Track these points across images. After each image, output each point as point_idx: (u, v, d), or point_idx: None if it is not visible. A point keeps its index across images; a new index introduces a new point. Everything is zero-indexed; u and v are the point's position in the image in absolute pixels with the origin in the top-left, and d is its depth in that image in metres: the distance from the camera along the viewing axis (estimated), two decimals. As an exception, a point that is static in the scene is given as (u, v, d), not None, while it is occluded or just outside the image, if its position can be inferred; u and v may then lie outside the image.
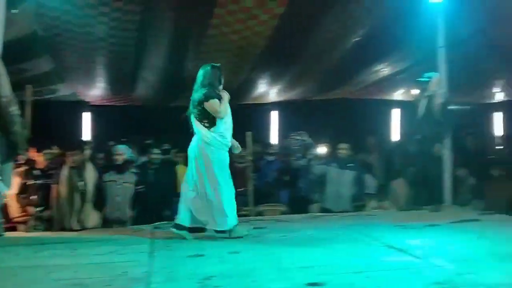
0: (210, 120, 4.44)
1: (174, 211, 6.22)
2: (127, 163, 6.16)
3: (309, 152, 7.07)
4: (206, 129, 4.45)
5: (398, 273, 3.14)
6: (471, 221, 4.93)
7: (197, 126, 4.47)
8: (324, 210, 6.39)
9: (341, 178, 6.43)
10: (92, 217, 5.77)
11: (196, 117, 4.48)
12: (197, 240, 4.48)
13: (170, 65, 7.45)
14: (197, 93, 4.49)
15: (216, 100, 4.43)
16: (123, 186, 6.00)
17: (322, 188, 6.59)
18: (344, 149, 6.54)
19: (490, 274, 3.01)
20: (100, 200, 5.87)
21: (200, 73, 4.58)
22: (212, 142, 4.43)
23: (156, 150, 6.28)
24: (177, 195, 6.36)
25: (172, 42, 6.65)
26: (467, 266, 3.20)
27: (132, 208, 6.07)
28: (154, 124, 8.78)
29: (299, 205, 7.07)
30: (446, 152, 6.09)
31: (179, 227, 4.52)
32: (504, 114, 11.12)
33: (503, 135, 8.56)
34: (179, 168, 7.00)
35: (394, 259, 3.47)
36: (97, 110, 9.72)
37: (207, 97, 4.41)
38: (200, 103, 4.43)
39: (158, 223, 5.56)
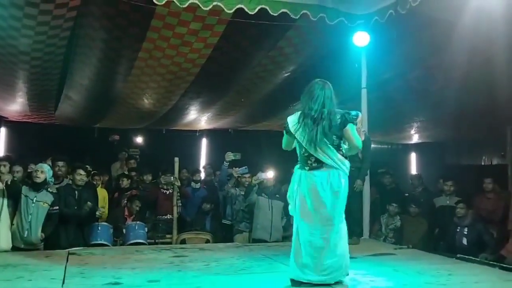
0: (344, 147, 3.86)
1: (94, 236, 5.97)
2: (45, 182, 5.81)
3: (241, 180, 7.04)
4: (343, 158, 3.81)
5: None
6: (387, 255, 5.13)
7: (329, 155, 3.72)
8: (254, 240, 6.36)
9: (271, 208, 6.45)
10: (4, 238, 5.30)
11: (332, 144, 3.75)
12: (116, 267, 4.29)
13: (97, 85, 7.24)
14: (334, 116, 3.77)
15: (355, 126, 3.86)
16: (37, 204, 5.62)
17: (251, 218, 6.56)
18: (271, 179, 6.61)
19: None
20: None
21: (328, 92, 3.86)
22: (348, 173, 3.85)
23: (81, 171, 5.98)
24: (96, 219, 6.14)
25: (101, 62, 6.49)
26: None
27: (45, 230, 5.68)
28: (75, 145, 8.44)
29: (224, 233, 7.04)
30: (366, 188, 6.35)
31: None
32: (417, 155, 11.93)
33: (417, 175, 9.12)
34: (100, 191, 6.75)
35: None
36: (14, 126, 9.20)
37: (350, 121, 3.80)
38: (342, 128, 3.77)
39: (75, 248, 5.26)
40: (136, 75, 6.88)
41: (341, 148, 3.80)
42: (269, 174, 6.58)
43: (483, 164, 10.55)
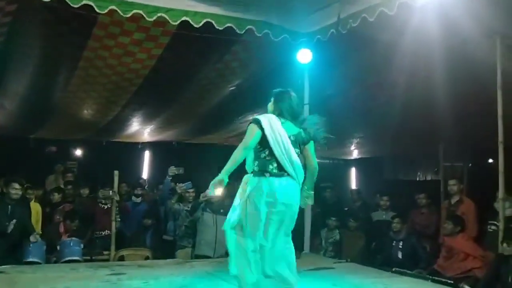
0: None
1: (25, 253, 5.63)
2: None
3: (185, 196, 6.88)
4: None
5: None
6: (327, 269, 5.21)
7: (294, 164, 3.62)
8: (197, 256, 6.22)
9: (215, 223, 6.34)
10: None
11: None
12: (49, 287, 4.06)
13: (34, 94, 6.92)
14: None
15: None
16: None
17: (194, 233, 6.40)
18: (221, 196, 6.51)
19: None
20: None
21: (298, 101, 3.88)
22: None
23: (16, 185, 5.64)
24: (28, 235, 5.80)
25: (39, 70, 6.22)
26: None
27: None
28: (8, 156, 7.99)
29: (165, 250, 6.85)
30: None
31: None
32: (357, 170, 12.29)
33: (356, 189, 9.37)
34: (33, 206, 6.42)
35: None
36: None
37: (315, 139, 3.81)
38: (306, 142, 3.77)
39: (3, 266, 4.94)
40: (76, 85, 6.65)
41: None
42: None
43: (418, 179, 11.03)
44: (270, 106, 3.83)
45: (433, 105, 6.43)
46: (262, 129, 3.55)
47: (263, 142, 3.57)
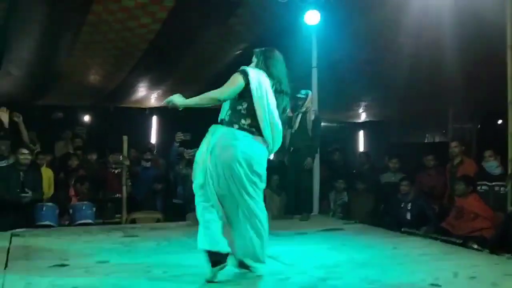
0: None
1: (38, 217, 5.74)
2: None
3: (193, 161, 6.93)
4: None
5: (267, 279, 3.26)
6: (336, 230, 5.28)
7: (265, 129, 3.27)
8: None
9: None
10: None
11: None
12: (62, 249, 4.17)
13: (40, 60, 6.90)
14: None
15: None
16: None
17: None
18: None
19: (349, 280, 3.25)
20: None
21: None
22: None
23: (24, 151, 5.68)
24: (41, 200, 5.91)
25: (44, 36, 6.17)
26: (330, 272, 3.42)
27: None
28: (16, 122, 8.00)
29: (176, 213, 6.96)
30: (315, 164, 6.47)
31: None
32: (365, 133, 12.27)
33: (364, 152, 9.38)
34: (45, 171, 6.49)
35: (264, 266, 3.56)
36: None
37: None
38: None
39: (18, 230, 5.05)
40: (81, 49, 6.61)
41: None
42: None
43: (426, 141, 11.01)
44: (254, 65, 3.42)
45: (442, 66, 6.35)
46: (247, 81, 3.21)
47: (244, 94, 3.22)
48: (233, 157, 3.13)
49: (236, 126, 3.22)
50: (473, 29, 5.25)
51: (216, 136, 3.22)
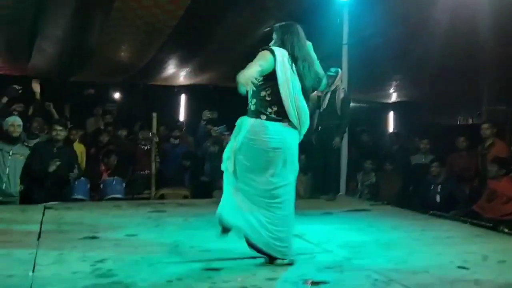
0: None
1: (71, 191, 5.90)
2: (21, 136, 5.77)
3: (220, 139, 6.98)
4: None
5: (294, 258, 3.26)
6: (363, 211, 5.24)
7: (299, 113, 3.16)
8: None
9: None
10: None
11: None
12: (93, 222, 4.28)
13: (72, 36, 6.99)
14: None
15: None
16: (14, 157, 5.56)
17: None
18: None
19: (374, 260, 3.23)
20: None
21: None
22: None
23: (58, 127, 5.82)
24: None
25: (76, 12, 6.23)
26: (355, 252, 3.41)
27: (22, 183, 5.61)
28: (51, 99, 8.19)
29: (203, 190, 7.04)
30: (343, 144, 6.41)
31: None
32: (395, 113, 12.05)
33: (394, 133, 9.23)
34: (77, 146, 6.65)
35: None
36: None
37: None
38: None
39: (51, 203, 5.21)
40: (112, 27, 6.65)
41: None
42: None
43: (458, 123, 10.73)
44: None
45: (477, 45, 6.13)
46: (274, 61, 3.01)
47: (269, 77, 3.03)
48: (265, 148, 3.03)
49: (264, 116, 3.06)
50: (511, 7, 5.03)
51: (245, 129, 3.09)
